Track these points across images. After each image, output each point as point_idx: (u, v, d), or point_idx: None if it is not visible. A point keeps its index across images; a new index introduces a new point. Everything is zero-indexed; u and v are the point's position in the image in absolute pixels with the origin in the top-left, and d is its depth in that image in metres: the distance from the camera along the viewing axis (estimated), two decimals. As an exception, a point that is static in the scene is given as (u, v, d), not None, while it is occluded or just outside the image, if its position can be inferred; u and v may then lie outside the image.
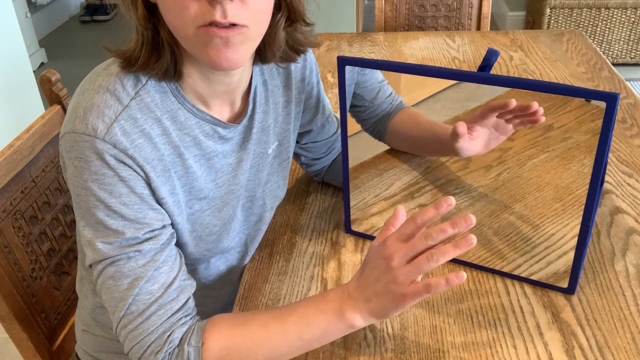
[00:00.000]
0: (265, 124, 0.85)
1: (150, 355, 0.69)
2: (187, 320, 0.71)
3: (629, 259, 0.87)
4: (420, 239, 0.66)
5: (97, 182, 0.68)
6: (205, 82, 0.75)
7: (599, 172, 0.72)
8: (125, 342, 0.71)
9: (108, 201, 0.68)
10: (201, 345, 0.69)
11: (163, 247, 0.72)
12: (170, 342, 0.69)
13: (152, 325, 0.69)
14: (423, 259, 0.65)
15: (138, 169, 0.70)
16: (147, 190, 0.71)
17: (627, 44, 3.24)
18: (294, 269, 0.90)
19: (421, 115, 0.85)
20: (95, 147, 0.67)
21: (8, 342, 1.77)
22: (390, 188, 0.91)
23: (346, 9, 2.93)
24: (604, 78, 1.44)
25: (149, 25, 0.68)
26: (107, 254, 0.69)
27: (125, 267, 0.69)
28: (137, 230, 0.70)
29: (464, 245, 0.64)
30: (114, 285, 0.70)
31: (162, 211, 0.73)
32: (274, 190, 0.92)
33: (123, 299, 0.69)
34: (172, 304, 0.70)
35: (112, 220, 0.69)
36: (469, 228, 0.65)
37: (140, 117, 0.70)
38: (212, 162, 0.79)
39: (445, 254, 0.64)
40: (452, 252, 0.64)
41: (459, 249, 0.64)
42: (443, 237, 0.65)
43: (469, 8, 1.95)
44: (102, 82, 0.70)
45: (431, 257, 0.65)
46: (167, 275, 0.71)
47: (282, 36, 0.76)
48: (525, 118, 0.76)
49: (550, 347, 0.74)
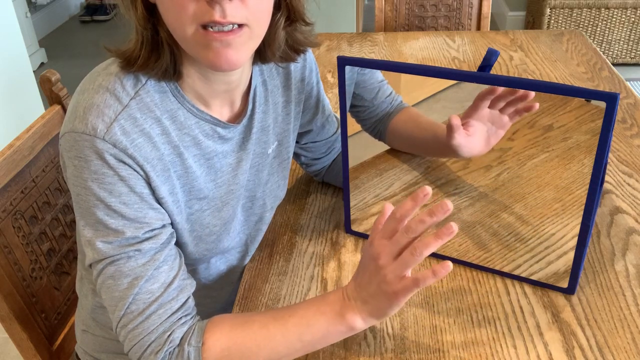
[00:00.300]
0: (265, 123, 0.85)
1: (150, 354, 0.69)
2: (187, 319, 0.71)
3: (629, 259, 0.87)
4: (402, 234, 0.66)
5: (97, 182, 0.68)
6: (205, 82, 0.75)
7: (599, 172, 0.72)
8: (125, 342, 0.71)
9: (108, 200, 0.68)
10: (201, 345, 0.69)
11: (163, 247, 0.72)
12: (171, 342, 0.69)
13: (152, 324, 0.69)
14: (407, 254, 0.65)
15: (138, 169, 0.70)
16: (147, 190, 0.71)
17: (627, 44, 3.24)
18: (294, 269, 0.90)
19: (421, 115, 0.85)
20: (95, 146, 0.67)
21: (8, 342, 1.77)
22: (390, 188, 0.91)
23: (346, 9, 2.93)
24: (604, 78, 1.44)
25: (149, 26, 0.68)
26: (107, 254, 0.69)
27: (125, 266, 0.69)
28: (137, 230, 0.70)
29: (445, 234, 0.63)
30: (114, 284, 0.70)
31: (162, 210, 0.73)
32: (274, 190, 0.92)
33: (123, 299, 0.69)
34: (172, 303, 0.70)
35: (112, 220, 0.69)
36: (446, 214, 0.64)
37: (139, 117, 0.70)
38: (211, 162, 0.79)
39: (428, 246, 0.64)
40: (435, 243, 0.64)
41: (440, 238, 0.63)
42: (423, 227, 0.65)
43: (469, 8, 1.95)
44: (101, 81, 0.70)
45: (414, 250, 0.64)
46: (167, 275, 0.71)
47: (282, 36, 0.76)
48: (517, 106, 0.75)
49: (550, 347, 0.74)
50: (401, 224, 0.67)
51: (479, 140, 0.80)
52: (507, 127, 0.78)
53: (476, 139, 0.80)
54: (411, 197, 0.66)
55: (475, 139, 0.80)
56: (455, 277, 0.86)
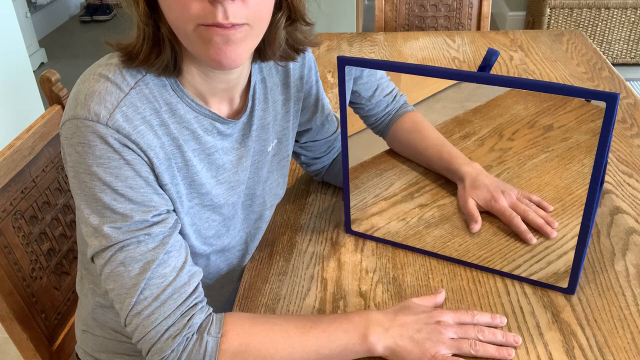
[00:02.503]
0: (264, 121, 0.85)
1: (168, 339, 0.68)
2: (203, 305, 0.71)
3: (629, 259, 0.87)
4: (473, 330, 0.74)
5: (102, 167, 0.67)
6: (205, 79, 0.75)
7: (599, 172, 0.72)
8: (138, 330, 0.69)
9: (114, 185, 0.68)
10: (221, 336, 0.69)
11: (171, 231, 0.71)
12: (190, 327, 0.68)
13: (168, 309, 0.68)
14: (466, 343, 0.72)
15: (142, 154, 0.69)
16: (151, 175, 0.71)
17: (627, 44, 3.24)
18: (294, 269, 0.90)
19: (427, 127, 0.85)
20: (98, 131, 0.67)
21: (8, 342, 1.77)
22: (390, 188, 0.91)
23: (346, 9, 2.93)
24: (604, 78, 1.44)
25: (150, 22, 0.69)
26: (116, 239, 0.68)
27: (136, 251, 0.68)
28: (144, 214, 0.69)
29: (504, 355, 0.72)
30: (125, 271, 0.68)
31: (165, 197, 0.72)
32: (274, 188, 0.92)
33: (135, 285, 0.68)
34: (185, 288, 0.70)
35: (119, 204, 0.68)
36: (512, 345, 0.74)
37: (140, 105, 0.70)
38: (212, 157, 0.79)
39: (487, 352, 0.72)
40: (493, 354, 0.72)
41: (498, 354, 0.72)
42: (492, 339, 0.74)
43: (469, 8, 1.95)
44: (102, 71, 0.70)
45: (474, 345, 0.72)
46: (177, 260, 0.71)
47: (283, 35, 0.76)
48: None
49: (550, 347, 0.74)
50: (472, 322, 0.76)
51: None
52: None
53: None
54: (492, 316, 0.77)
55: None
56: (455, 277, 0.86)
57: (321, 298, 0.84)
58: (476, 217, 0.85)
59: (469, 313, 0.76)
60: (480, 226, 0.85)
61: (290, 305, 0.83)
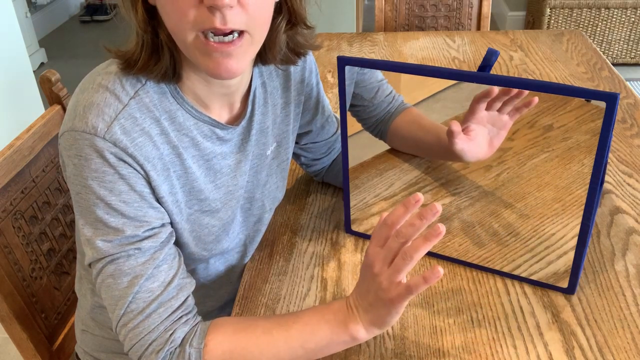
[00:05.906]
0: (263, 125, 0.85)
1: (151, 354, 0.69)
2: (188, 318, 0.71)
3: (629, 259, 0.87)
4: (393, 239, 0.66)
5: (97, 180, 0.68)
6: (205, 85, 0.75)
7: (599, 172, 0.72)
8: (126, 341, 0.70)
9: (108, 199, 0.68)
10: (203, 347, 0.69)
11: (162, 245, 0.72)
12: (172, 342, 0.69)
13: (152, 323, 0.69)
14: (399, 259, 0.65)
15: (138, 167, 0.70)
16: (147, 189, 0.71)
17: (627, 44, 3.23)
18: (294, 269, 0.90)
19: (424, 117, 0.85)
20: (95, 145, 0.67)
21: (8, 342, 1.77)
22: (390, 188, 0.91)
23: (346, 9, 2.93)
24: (604, 78, 1.44)
25: (149, 28, 0.68)
26: (106, 252, 0.69)
27: (125, 265, 0.69)
28: (136, 228, 0.70)
29: (433, 235, 0.63)
30: (114, 283, 0.69)
31: (161, 210, 0.73)
32: (273, 191, 0.92)
33: (123, 297, 0.69)
34: (171, 302, 0.70)
35: (112, 218, 0.69)
36: (436, 216, 0.64)
37: (139, 116, 0.70)
38: (210, 163, 0.78)
39: (418, 249, 0.64)
40: (424, 245, 0.64)
41: (429, 240, 0.63)
42: (413, 231, 0.65)
43: (469, 8, 1.95)
44: (101, 81, 0.70)
45: (405, 254, 0.64)
46: (167, 274, 0.71)
47: (283, 39, 0.76)
48: (515, 103, 0.75)
49: (550, 347, 0.74)
50: (393, 230, 0.67)
51: (482, 143, 0.80)
52: (509, 127, 0.77)
53: (478, 142, 0.80)
54: (403, 204, 0.66)
55: (477, 143, 0.80)
56: (455, 277, 0.86)
57: (321, 298, 0.84)
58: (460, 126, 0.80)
59: (383, 226, 0.68)
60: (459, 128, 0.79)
61: (290, 305, 0.83)
